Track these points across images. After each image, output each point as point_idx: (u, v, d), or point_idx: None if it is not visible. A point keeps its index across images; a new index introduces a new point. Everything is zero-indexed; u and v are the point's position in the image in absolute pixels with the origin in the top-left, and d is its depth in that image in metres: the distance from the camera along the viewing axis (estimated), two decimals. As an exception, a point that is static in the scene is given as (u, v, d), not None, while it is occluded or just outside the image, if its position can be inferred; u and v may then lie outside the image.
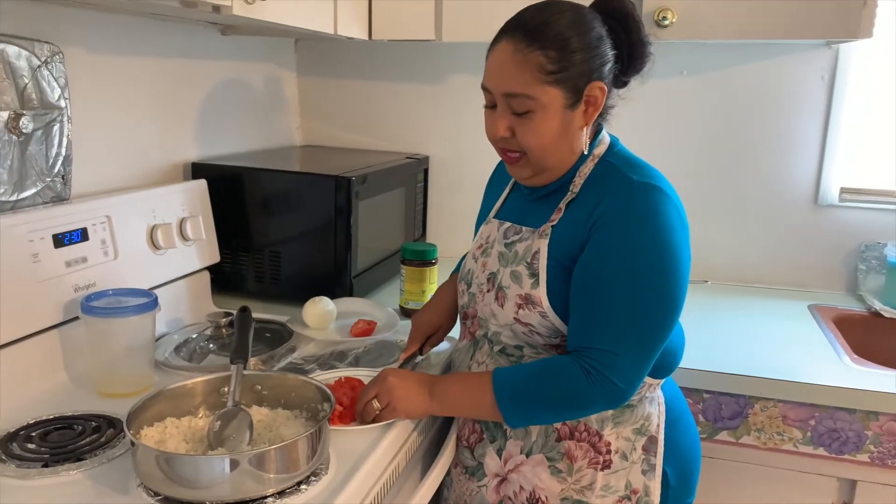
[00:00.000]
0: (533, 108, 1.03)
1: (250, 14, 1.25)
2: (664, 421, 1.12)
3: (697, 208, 1.97)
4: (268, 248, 1.67)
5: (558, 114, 1.04)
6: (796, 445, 1.42)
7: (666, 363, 1.11)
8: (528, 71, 1.01)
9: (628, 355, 1.01)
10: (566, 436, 1.09)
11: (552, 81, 1.02)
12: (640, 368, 1.03)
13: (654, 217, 1.01)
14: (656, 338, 1.03)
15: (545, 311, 1.06)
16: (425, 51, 2.11)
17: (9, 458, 0.96)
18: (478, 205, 1.35)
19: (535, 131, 1.05)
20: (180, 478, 0.86)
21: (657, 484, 1.10)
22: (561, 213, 1.09)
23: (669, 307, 1.03)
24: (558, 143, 1.06)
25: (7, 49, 1.17)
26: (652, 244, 1.01)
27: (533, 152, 1.07)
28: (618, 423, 1.10)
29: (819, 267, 1.95)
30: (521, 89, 1.03)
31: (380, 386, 1.10)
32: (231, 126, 1.90)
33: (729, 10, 1.57)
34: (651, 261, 1.01)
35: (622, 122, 1.17)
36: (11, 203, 1.20)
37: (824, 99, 1.86)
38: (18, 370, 1.14)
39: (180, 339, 1.40)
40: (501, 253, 1.14)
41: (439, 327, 1.33)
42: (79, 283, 1.24)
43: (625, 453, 1.10)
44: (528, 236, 1.11)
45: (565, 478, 1.10)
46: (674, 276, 1.02)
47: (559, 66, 1.01)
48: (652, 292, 1.01)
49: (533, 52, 1.01)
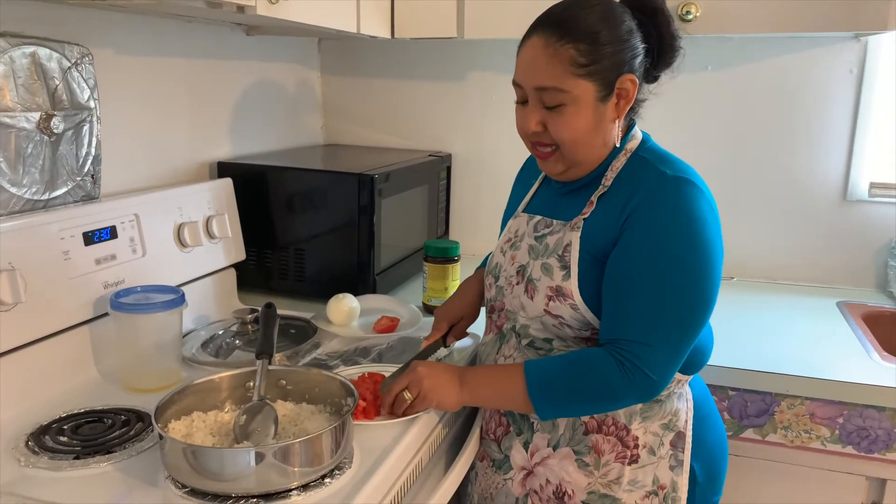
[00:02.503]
0: (565, 101, 1.03)
1: (274, 14, 1.26)
2: (692, 417, 1.12)
3: (724, 204, 1.92)
4: (292, 245, 1.69)
5: (590, 107, 1.04)
6: (824, 444, 1.40)
7: (696, 360, 1.10)
8: (560, 64, 1.02)
9: (661, 348, 1.01)
10: (594, 429, 1.09)
11: (584, 74, 1.02)
12: (673, 361, 1.03)
13: (688, 211, 1.01)
14: (689, 331, 1.03)
15: (576, 304, 1.06)
16: (447, 49, 2.11)
17: (42, 450, 0.99)
18: (500, 202, 1.35)
19: (567, 124, 1.05)
20: (206, 470, 0.88)
21: (685, 480, 1.10)
22: (593, 207, 1.09)
23: (702, 300, 1.03)
24: (591, 136, 1.07)
25: (38, 51, 1.20)
26: (685, 237, 1.01)
27: (566, 146, 1.07)
28: (646, 417, 1.09)
29: (848, 263, 1.92)
30: (552, 83, 1.03)
31: (410, 377, 1.11)
32: (256, 125, 1.92)
33: (754, 3, 1.54)
34: (684, 254, 1.01)
35: (648, 119, 1.17)
36: (43, 202, 1.23)
37: (853, 92, 1.83)
38: (50, 365, 1.17)
39: (207, 335, 1.42)
40: (531, 246, 1.14)
41: (462, 317, 1.33)
42: (108, 280, 1.27)
43: (652, 448, 1.09)
44: (560, 229, 1.11)
45: (592, 471, 1.10)
46: (707, 270, 1.02)
47: (590, 59, 1.01)
48: (685, 285, 1.01)
49: (564, 46, 1.01)
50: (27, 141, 1.19)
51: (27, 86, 1.18)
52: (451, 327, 1.33)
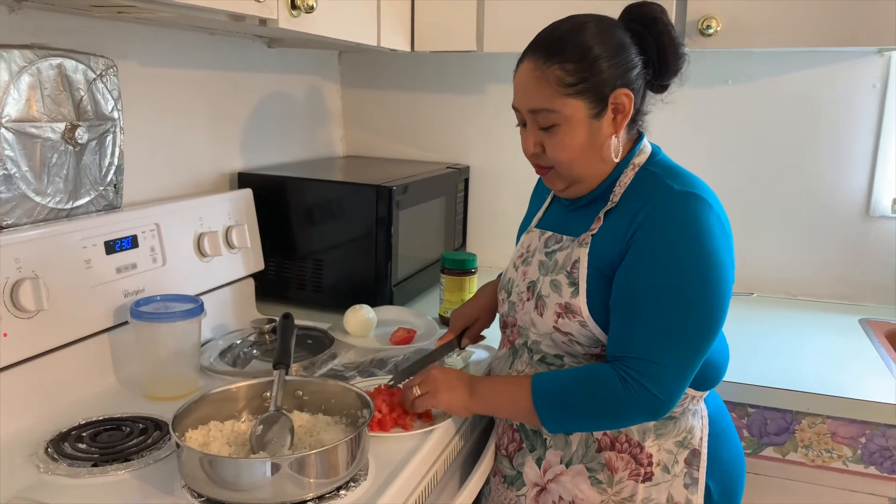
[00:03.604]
0: (557, 121, 1.05)
1: (296, 27, 1.27)
2: (707, 434, 1.10)
3: (745, 219, 1.94)
4: (310, 256, 1.70)
5: (583, 125, 1.05)
6: (846, 463, 1.38)
7: (709, 375, 1.09)
8: (549, 86, 1.04)
9: (668, 365, 1.00)
10: (607, 446, 1.08)
11: (573, 93, 1.03)
12: (681, 379, 1.01)
13: (695, 226, 1.00)
14: (697, 348, 1.01)
15: (584, 321, 1.06)
16: (467, 62, 2.12)
17: (61, 457, 1.00)
18: (518, 215, 1.35)
19: (561, 144, 1.06)
20: (223, 480, 0.88)
21: (700, 498, 1.09)
22: (601, 223, 1.08)
23: (710, 317, 1.01)
24: (587, 153, 1.07)
25: (65, 63, 1.22)
26: (692, 253, 1.00)
27: (561, 165, 1.08)
28: (660, 434, 1.08)
29: (870, 280, 1.89)
30: (543, 104, 1.05)
31: (424, 376, 1.13)
32: (276, 136, 1.94)
33: (776, 17, 1.53)
34: (691, 270, 1.00)
35: (667, 132, 1.17)
36: (67, 211, 1.25)
37: (876, 107, 1.81)
38: (70, 372, 1.18)
39: (225, 344, 1.43)
40: (542, 262, 1.14)
41: (477, 319, 1.34)
42: (128, 289, 1.28)
43: (667, 466, 1.08)
44: (569, 245, 1.11)
45: (605, 489, 1.09)
46: (715, 286, 1.00)
47: (578, 78, 1.02)
48: (692, 301, 1.00)
49: (551, 67, 1.03)
50: (52, 151, 1.21)
51: (53, 97, 1.20)
52: (465, 329, 1.34)
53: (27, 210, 1.17)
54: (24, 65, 1.14)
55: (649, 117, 1.14)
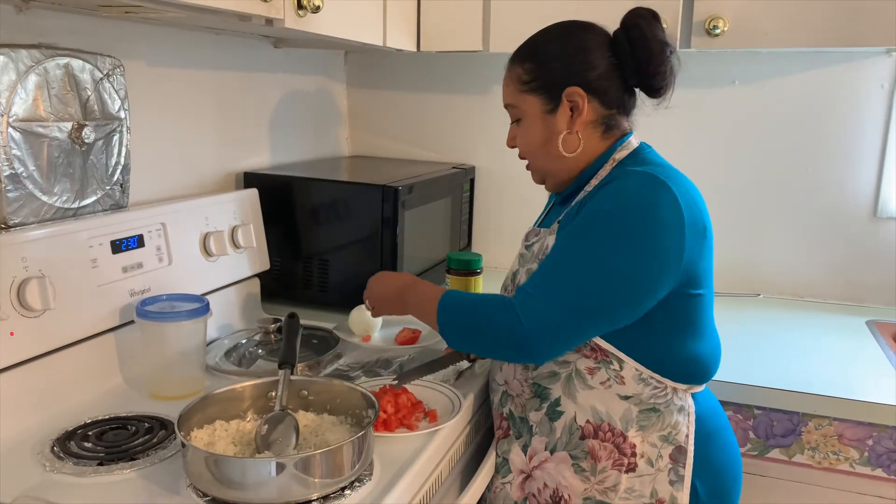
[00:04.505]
0: (520, 115, 1.16)
1: (302, 27, 1.27)
2: (694, 432, 1.10)
3: (751, 220, 1.93)
4: (316, 256, 1.70)
5: (539, 119, 1.13)
6: (853, 466, 1.37)
7: (693, 371, 1.09)
8: (512, 83, 1.16)
9: (543, 300, 1.03)
10: (590, 434, 1.09)
11: (527, 90, 1.13)
12: (552, 320, 1.02)
13: (637, 198, 1.02)
14: (584, 305, 1.02)
15: None
16: (472, 62, 2.12)
17: (67, 455, 1.00)
18: (523, 215, 1.36)
19: (523, 136, 1.17)
20: (228, 479, 0.88)
21: (685, 496, 1.08)
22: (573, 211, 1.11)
23: (613, 285, 1.01)
24: (545, 147, 1.14)
25: (72, 63, 1.22)
26: (621, 220, 1.02)
27: (528, 157, 1.18)
28: (643, 426, 1.08)
29: (878, 281, 1.88)
30: (509, 100, 1.17)
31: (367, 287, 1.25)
32: (282, 136, 1.94)
33: (783, 17, 1.53)
34: (614, 232, 1.02)
35: (673, 133, 1.17)
36: (73, 210, 1.25)
37: (884, 108, 1.80)
38: (77, 371, 1.18)
39: (230, 344, 1.43)
40: (522, 254, 1.19)
41: None
42: (134, 289, 1.28)
43: (651, 459, 1.08)
44: (543, 236, 1.14)
45: (588, 477, 1.09)
46: (633, 259, 1.01)
47: (533, 76, 1.12)
48: (598, 261, 1.02)
49: (514, 67, 1.15)
50: (59, 150, 1.21)
51: (60, 96, 1.20)
52: None
53: (34, 209, 1.17)
54: (31, 64, 1.14)
55: (657, 118, 1.14)
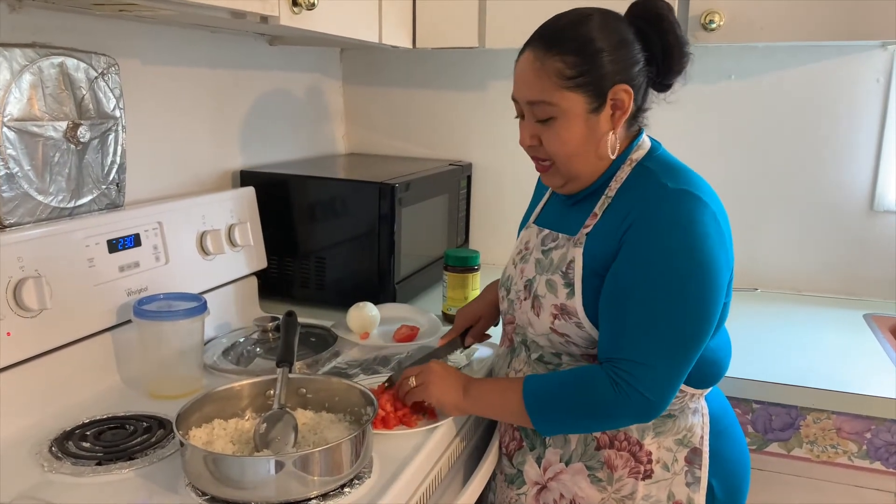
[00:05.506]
0: (554, 114, 1.04)
1: (297, 24, 1.27)
2: (708, 433, 1.10)
3: (748, 214, 1.93)
4: (313, 254, 1.69)
5: (581, 119, 1.03)
6: (851, 459, 1.37)
7: (709, 373, 1.08)
8: (548, 77, 1.02)
9: (657, 366, 0.99)
10: (605, 444, 1.08)
11: (572, 86, 1.02)
12: (671, 380, 1.00)
13: (687, 224, 0.99)
14: (687, 348, 1.00)
15: (581, 322, 1.05)
16: (468, 58, 2.11)
17: (65, 455, 1.00)
18: (520, 211, 1.34)
19: (558, 137, 1.05)
20: (227, 478, 0.88)
21: (702, 497, 1.08)
22: (596, 219, 1.07)
23: (701, 317, 1.00)
24: (584, 148, 1.06)
25: (66, 62, 1.21)
26: (683, 252, 0.98)
27: (558, 159, 1.07)
28: (659, 432, 1.08)
29: (875, 275, 1.88)
30: (541, 96, 1.04)
31: (423, 368, 1.13)
32: (278, 134, 1.93)
33: (779, 11, 1.53)
34: (681, 269, 0.98)
35: (669, 128, 1.16)
36: (69, 210, 1.24)
37: (880, 102, 1.80)
38: (74, 371, 1.18)
39: (228, 342, 1.43)
40: (538, 260, 1.14)
41: (479, 317, 1.34)
42: (131, 288, 1.28)
43: (666, 464, 1.08)
44: (564, 244, 1.10)
45: (605, 487, 1.08)
46: (706, 286, 0.99)
47: (579, 71, 1.01)
48: (682, 302, 0.98)
49: (551, 59, 1.02)
50: (54, 150, 1.20)
51: (55, 95, 1.20)
52: (469, 327, 1.34)
53: (29, 209, 1.17)
54: (25, 63, 1.14)
55: (651, 113, 1.13)
